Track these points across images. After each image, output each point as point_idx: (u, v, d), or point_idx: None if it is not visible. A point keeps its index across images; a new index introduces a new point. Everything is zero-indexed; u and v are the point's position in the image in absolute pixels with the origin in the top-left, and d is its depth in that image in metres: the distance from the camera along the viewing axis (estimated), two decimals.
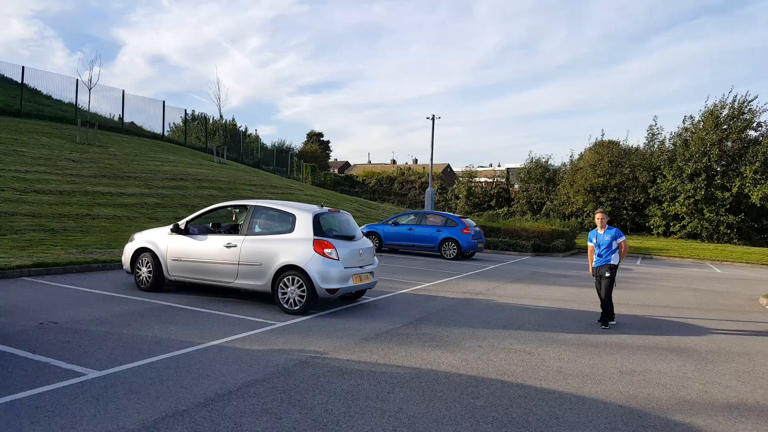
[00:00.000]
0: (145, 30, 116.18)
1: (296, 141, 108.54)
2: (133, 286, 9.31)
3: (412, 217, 19.95)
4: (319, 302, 8.43)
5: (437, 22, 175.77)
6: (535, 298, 10.69)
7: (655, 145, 38.63)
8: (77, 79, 31.44)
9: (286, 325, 7.10)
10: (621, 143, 40.25)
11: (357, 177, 60.69)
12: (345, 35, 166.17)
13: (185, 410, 4.08)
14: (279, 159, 50.97)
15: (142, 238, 9.12)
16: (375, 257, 9.20)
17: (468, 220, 19.98)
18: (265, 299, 8.68)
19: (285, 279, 7.78)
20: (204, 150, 38.73)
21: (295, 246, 7.83)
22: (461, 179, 51.04)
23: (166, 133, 37.76)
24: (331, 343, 6.31)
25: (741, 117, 33.86)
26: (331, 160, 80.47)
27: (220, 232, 8.79)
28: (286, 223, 8.18)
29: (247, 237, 8.16)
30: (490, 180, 50.46)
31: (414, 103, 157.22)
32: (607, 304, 8.19)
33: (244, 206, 8.79)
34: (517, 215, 41.48)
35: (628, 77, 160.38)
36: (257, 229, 8.31)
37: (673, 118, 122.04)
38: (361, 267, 8.40)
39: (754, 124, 33.81)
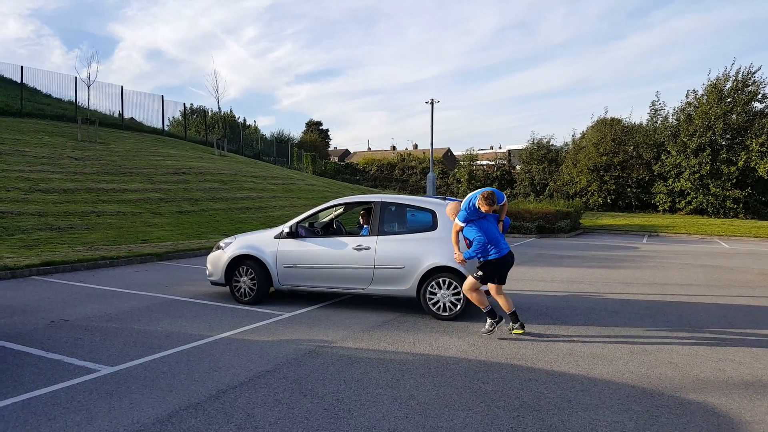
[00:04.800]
0: (140, 24, 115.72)
1: (295, 131, 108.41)
2: (139, 283, 9.34)
3: None
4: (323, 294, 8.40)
5: (434, 4, 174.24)
6: (541, 280, 10.67)
7: (659, 121, 38.25)
8: (76, 77, 31.48)
9: (293, 315, 7.12)
10: (624, 120, 39.95)
11: (357, 165, 60.51)
12: (341, 22, 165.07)
13: (198, 403, 4.10)
14: (279, 149, 50.88)
15: (239, 245, 7.98)
16: None
17: None
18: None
19: (434, 282, 7.05)
20: (204, 143, 38.68)
21: (444, 245, 7.00)
22: (462, 163, 50.81)
23: (166, 128, 37.71)
24: (339, 332, 6.32)
25: (745, 89, 33.42)
26: (331, 148, 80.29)
27: (322, 234, 8.08)
28: (425, 220, 7.44)
29: (380, 238, 7.35)
30: (492, 163, 50.23)
31: (412, 87, 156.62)
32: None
33: (367, 203, 8.08)
34: (520, 197, 41.36)
35: (630, 53, 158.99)
36: (390, 228, 7.51)
37: (676, 93, 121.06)
38: None
39: (759, 96, 33.36)
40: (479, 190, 6.23)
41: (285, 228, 7.81)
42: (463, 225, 6.17)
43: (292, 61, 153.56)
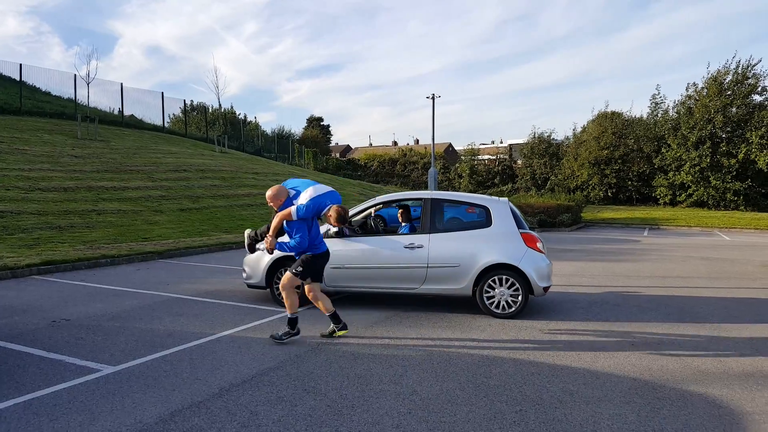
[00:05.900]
0: (140, 20, 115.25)
1: (296, 127, 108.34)
2: (141, 282, 9.34)
3: None
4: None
5: None
6: None
7: (659, 115, 38.22)
8: (75, 75, 31.33)
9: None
10: (624, 114, 39.90)
11: (359, 160, 60.46)
12: (341, 16, 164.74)
13: (201, 402, 4.10)
14: (280, 146, 50.81)
15: None
16: None
17: None
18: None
19: (491, 280, 6.94)
20: (205, 140, 38.60)
21: (500, 242, 6.98)
22: (464, 158, 50.74)
23: (166, 125, 37.60)
24: None
25: (745, 82, 33.34)
26: (332, 144, 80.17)
27: (361, 232, 7.75)
28: (479, 216, 7.35)
29: (432, 235, 7.13)
30: (493, 157, 50.14)
31: (413, 82, 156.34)
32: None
33: (417, 199, 7.84)
34: (521, 191, 41.31)
35: (630, 45, 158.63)
36: (442, 226, 7.31)
37: (676, 86, 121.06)
38: (549, 261, 7.45)
39: (759, 89, 33.30)
40: (322, 191, 5.70)
41: (331, 228, 7.35)
42: (295, 219, 5.59)
43: (293, 57, 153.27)
